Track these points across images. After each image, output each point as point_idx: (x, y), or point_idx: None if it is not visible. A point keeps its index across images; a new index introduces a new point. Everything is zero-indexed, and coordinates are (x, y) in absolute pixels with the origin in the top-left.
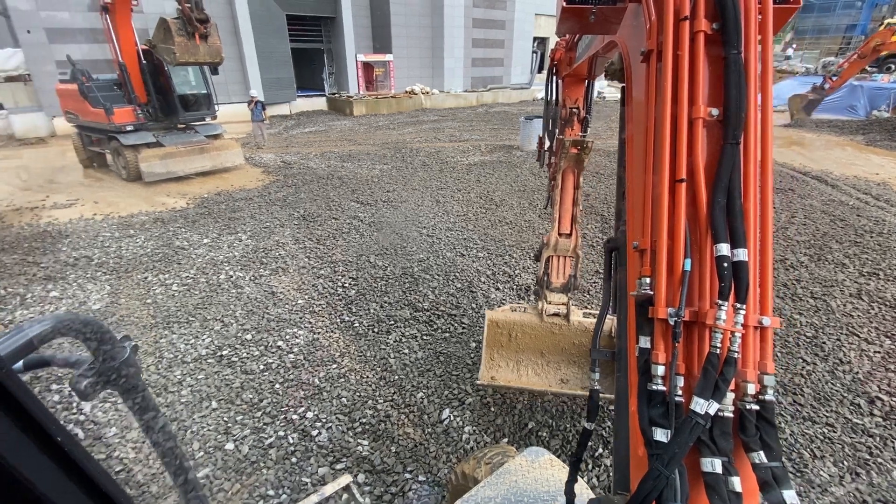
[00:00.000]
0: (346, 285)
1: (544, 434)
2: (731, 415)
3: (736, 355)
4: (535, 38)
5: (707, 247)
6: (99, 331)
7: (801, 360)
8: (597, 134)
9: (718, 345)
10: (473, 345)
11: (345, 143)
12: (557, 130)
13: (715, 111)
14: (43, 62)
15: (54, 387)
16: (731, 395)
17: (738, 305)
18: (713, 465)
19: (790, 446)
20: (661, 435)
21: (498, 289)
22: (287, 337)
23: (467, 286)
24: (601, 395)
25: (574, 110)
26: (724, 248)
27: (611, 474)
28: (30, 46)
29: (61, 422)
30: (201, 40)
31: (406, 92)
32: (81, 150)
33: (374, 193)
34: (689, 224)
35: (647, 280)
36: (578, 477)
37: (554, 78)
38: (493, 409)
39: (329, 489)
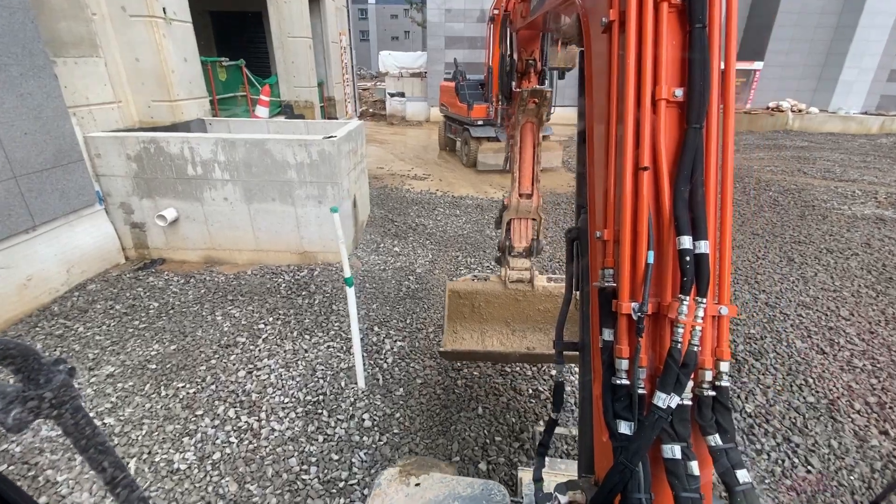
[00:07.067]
0: None
1: None
2: (689, 402)
3: (697, 349)
4: None
5: (669, 238)
6: (24, 354)
7: None
8: None
9: (680, 339)
10: None
11: None
12: (514, 84)
13: (679, 92)
14: (436, 63)
15: None
16: (689, 383)
17: (699, 299)
18: (673, 451)
19: None
20: (625, 427)
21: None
22: None
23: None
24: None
25: (530, 62)
26: (686, 241)
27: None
28: (432, 50)
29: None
30: (562, 48)
31: (767, 108)
32: (442, 136)
33: None
34: (652, 214)
35: (611, 271)
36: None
37: (508, 31)
38: None
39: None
